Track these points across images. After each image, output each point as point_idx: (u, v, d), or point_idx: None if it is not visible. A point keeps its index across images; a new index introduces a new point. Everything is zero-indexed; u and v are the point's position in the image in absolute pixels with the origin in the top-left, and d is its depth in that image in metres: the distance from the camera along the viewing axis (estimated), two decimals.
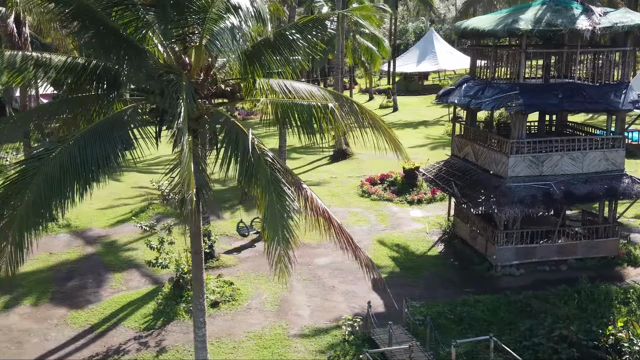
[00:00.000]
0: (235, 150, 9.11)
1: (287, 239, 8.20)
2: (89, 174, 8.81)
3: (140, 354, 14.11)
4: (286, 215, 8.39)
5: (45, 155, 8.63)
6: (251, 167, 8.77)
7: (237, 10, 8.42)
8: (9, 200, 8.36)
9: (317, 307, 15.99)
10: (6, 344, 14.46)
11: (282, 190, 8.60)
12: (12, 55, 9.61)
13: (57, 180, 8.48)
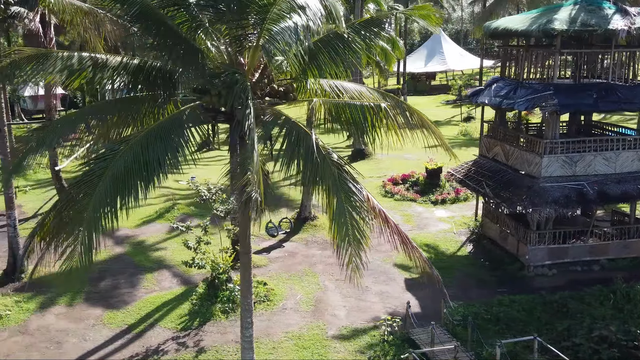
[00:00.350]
0: (296, 150, 9.09)
1: (358, 239, 8.21)
2: (150, 173, 8.80)
3: (179, 355, 14.10)
4: (356, 215, 8.38)
5: (111, 156, 8.63)
6: (316, 166, 8.75)
7: (303, 9, 8.39)
8: (77, 201, 8.36)
9: (352, 307, 15.99)
10: (45, 344, 14.46)
11: (350, 189, 8.59)
12: (70, 57, 9.59)
13: (122, 181, 8.48)
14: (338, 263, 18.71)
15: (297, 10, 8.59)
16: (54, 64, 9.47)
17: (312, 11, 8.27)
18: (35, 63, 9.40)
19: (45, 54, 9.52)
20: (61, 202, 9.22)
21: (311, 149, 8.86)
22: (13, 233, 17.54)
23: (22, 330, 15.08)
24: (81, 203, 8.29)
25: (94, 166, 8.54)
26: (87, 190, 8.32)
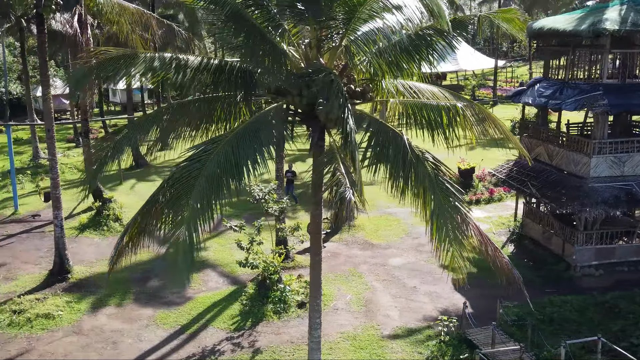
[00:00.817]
0: (385, 150, 9.08)
1: (459, 240, 8.18)
2: (240, 173, 8.79)
3: (235, 355, 14.09)
4: (457, 216, 8.36)
5: (205, 157, 8.64)
6: (409, 166, 8.74)
7: (399, 9, 8.36)
8: (176, 202, 8.36)
9: (403, 307, 15.98)
10: (101, 344, 14.46)
11: (448, 189, 8.57)
12: (153, 57, 9.60)
13: (216, 181, 8.48)
14: (382, 263, 18.84)
15: (392, 10, 8.57)
16: (139, 65, 9.50)
17: (411, 10, 8.24)
18: (121, 63, 9.42)
19: (130, 55, 9.53)
20: (151, 203, 9.24)
21: (403, 148, 8.85)
22: (60, 233, 17.54)
23: (76, 330, 15.08)
24: (179, 203, 8.27)
25: (189, 167, 8.53)
26: (185, 190, 8.32)
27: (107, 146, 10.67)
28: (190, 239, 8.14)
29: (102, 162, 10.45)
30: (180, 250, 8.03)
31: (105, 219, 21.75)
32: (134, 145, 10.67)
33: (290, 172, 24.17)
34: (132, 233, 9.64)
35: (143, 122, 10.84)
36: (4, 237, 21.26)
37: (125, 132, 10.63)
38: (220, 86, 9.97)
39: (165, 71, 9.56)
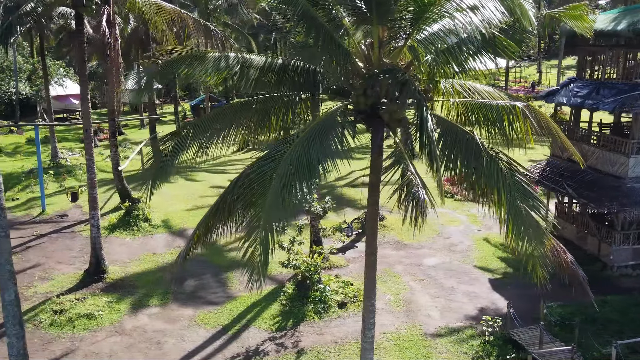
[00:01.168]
0: (455, 149, 9.06)
1: (540, 239, 8.16)
2: (312, 173, 8.78)
3: (280, 355, 14.08)
4: (535, 215, 8.34)
5: (278, 156, 8.62)
6: (482, 166, 8.72)
7: (475, 9, 8.34)
8: (251, 202, 8.36)
9: (444, 307, 15.96)
10: (145, 345, 14.45)
11: (524, 189, 8.55)
12: (220, 57, 9.60)
13: (289, 180, 8.47)
14: (417, 264, 18.80)
15: (465, 11, 8.54)
16: (206, 64, 9.50)
17: (490, 10, 8.21)
18: (189, 63, 9.42)
19: (198, 55, 9.53)
20: (220, 203, 9.25)
21: (475, 148, 8.83)
22: (96, 233, 17.54)
23: (118, 330, 15.07)
24: (257, 203, 8.27)
25: (264, 167, 8.51)
26: (261, 190, 8.31)
27: (167, 146, 10.71)
28: (266, 239, 8.15)
29: (163, 162, 10.48)
30: (257, 250, 8.05)
31: (135, 219, 21.73)
32: (195, 143, 10.69)
33: None
34: (199, 232, 9.63)
35: (204, 121, 10.85)
36: (35, 237, 21.25)
37: (186, 132, 10.65)
38: (284, 85, 9.96)
39: (230, 70, 9.57)
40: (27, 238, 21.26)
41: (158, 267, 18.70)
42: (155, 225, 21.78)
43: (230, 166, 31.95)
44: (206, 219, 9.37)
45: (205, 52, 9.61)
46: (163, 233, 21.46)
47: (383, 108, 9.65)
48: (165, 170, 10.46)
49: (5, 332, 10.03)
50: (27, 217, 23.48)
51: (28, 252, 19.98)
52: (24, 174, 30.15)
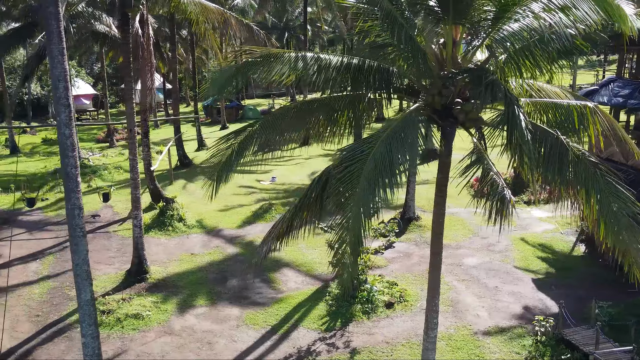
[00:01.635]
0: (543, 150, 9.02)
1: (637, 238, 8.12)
2: (394, 172, 8.76)
3: (332, 356, 14.05)
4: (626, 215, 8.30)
5: (363, 157, 8.61)
6: (566, 166, 8.69)
7: (566, 10, 8.29)
8: (340, 202, 8.34)
9: (491, 307, 15.93)
10: (196, 345, 14.43)
11: (616, 190, 8.52)
12: (297, 57, 9.59)
13: (374, 180, 8.45)
14: (457, 263, 18.77)
15: (554, 11, 8.51)
16: (282, 65, 9.49)
17: (583, 11, 8.16)
18: (266, 63, 9.40)
19: (275, 55, 9.51)
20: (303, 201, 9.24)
21: (560, 148, 8.81)
22: (138, 233, 17.52)
23: (167, 331, 15.05)
24: (347, 203, 8.25)
25: (351, 167, 8.49)
26: (349, 192, 8.29)
27: (232, 144, 10.74)
28: (356, 239, 8.13)
29: (228, 160, 10.49)
30: (347, 250, 8.05)
31: (170, 219, 21.71)
32: (259, 143, 10.72)
33: None
34: (282, 229, 9.67)
35: (271, 120, 10.85)
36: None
37: (250, 131, 10.68)
38: (359, 85, 9.93)
39: (306, 70, 9.55)
40: (62, 238, 21.25)
41: (198, 267, 18.69)
42: (190, 226, 21.77)
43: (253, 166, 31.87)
44: (285, 217, 9.35)
45: (282, 53, 9.59)
46: (198, 233, 21.44)
47: (457, 108, 9.64)
48: (230, 168, 10.47)
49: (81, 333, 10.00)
50: (59, 218, 23.46)
51: (66, 252, 19.96)
52: (50, 174, 30.18)
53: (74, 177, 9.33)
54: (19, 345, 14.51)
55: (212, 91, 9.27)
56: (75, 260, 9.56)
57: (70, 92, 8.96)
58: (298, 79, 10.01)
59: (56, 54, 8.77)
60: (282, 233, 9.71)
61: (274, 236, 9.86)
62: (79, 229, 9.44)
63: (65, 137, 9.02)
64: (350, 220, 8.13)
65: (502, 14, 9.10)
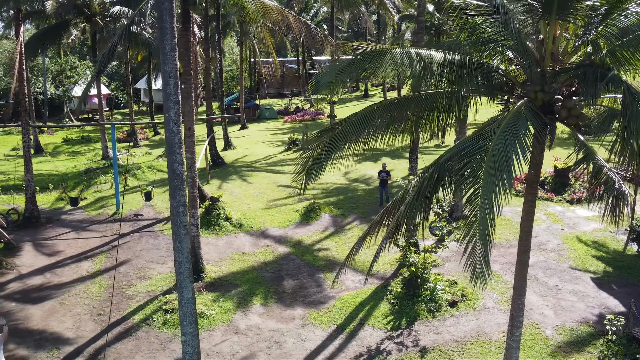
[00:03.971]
0: None
1: None
2: (510, 168, 8.68)
3: (403, 355, 13.97)
4: None
5: (481, 152, 8.55)
6: None
7: None
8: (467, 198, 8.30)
9: (555, 306, 15.85)
10: (265, 344, 14.35)
11: None
12: (401, 53, 9.53)
13: (493, 176, 8.38)
14: (513, 262, 18.62)
15: None
16: (387, 60, 9.44)
17: None
18: (374, 59, 9.35)
19: (382, 51, 9.46)
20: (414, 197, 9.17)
21: None
22: (195, 232, 17.45)
23: (233, 330, 14.98)
24: (471, 199, 8.19)
25: (472, 161, 8.43)
26: (474, 186, 8.24)
27: (321, 142, 10.71)
28: (485, 234, 8.07)
29: (317, 160, 10.47)
30: (478, 248, 7.99)
31: (216, 218, 21.64)
32: (348, 142, 10.68)
33: (385, 173, 24.08)
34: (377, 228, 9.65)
35: (357, 119, 10.79)
36: (117, 237, 21.18)
37: (341, 128, 10.64)
38: (461, 81, 9.87)
39: (412, 66, 9.50)
40: (109, 237, 21.20)
41: (252, 267, 18.62)
42: (237, 225, 21.69)
43: (284, 166, 31.89)
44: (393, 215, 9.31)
45: (387, 49, 9.54)
46: (245, 232, 21.37)
47: (559, 104, 9.58)
48: (320, 166, 10.44)
49: (181, 331, 9.92)
50: (102, 217, 23.41)
51: (115, 251, 19.91)
52: (83, 173, 30.11)
53: (180, 174, 9.27)
54: (86, 344, 14.45)
55: (322, 87, 9.16)
56: (177, 257, 9.49)
57: (179, 89, 8.88)
58: (398, 74, 9.98)
59: (169, 50, 8.70)
60: (392, 232, 9.59)
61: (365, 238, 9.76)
62: (182, 227, 9.38)
63: (173, 134, 8.94)
64: (478, 215, 8.07)
65: (611, 10, 9.06)
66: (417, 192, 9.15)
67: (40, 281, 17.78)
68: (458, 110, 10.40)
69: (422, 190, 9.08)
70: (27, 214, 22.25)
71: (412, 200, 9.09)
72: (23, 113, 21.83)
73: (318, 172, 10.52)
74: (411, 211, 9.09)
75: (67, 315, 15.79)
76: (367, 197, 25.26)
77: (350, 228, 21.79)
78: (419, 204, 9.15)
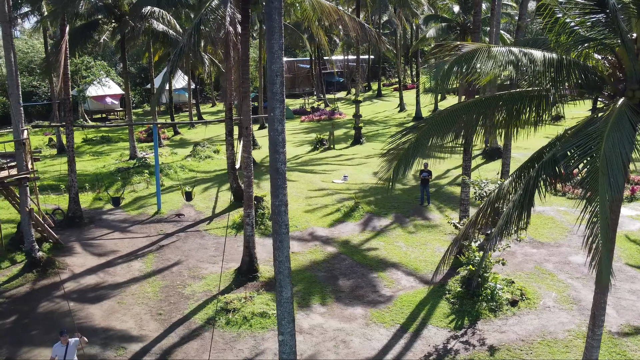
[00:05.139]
0: None
1: None
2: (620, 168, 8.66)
3: (471, 354, 13.95)
4: None
5: (592, 153, 8.55)
6: None
7: None
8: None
9: (616, 305, 15.83)
10: (331, 343, 14.35)
11: None
12: (506, 52, 9.54)
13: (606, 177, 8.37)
14: (565, 261, 18.66)
15: None
16: (491, 59, 9.44)
17: None
18: (479, 57, 9.35)
19: (484, 50, 9.45)
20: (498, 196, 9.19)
21: None
22: (250, 232, 17.45)
23: (297, 329, 14.94)
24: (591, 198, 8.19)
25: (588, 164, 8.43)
26: (592, 185, 8.24)
27: (406, 141, 10.73)
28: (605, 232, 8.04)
29: (403, 159, 10.49)
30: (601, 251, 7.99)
31: (261, 218, 21.63)
32: (432, 141, 10.73)
33: (426, 172, 24.06)
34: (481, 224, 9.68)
35: (441, 118, 10.80)
36: (163, 236, 21.18)
37: (427, 125, 10.67)
38: (560, 79, 9.87)
39: (516, 65, 9.50)
40: (155, 237, 21.20)
41: (304, 266, 18.61)
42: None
43: (315, 166, 31.89)
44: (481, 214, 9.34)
45: (489, 47, 9.54)
46: (291, 232, 21.36)
47: None
48: (407, 163, 10.46)
49: (280, 331, 9.92)
50: (143, 216, 23.42)
51: (164, 251, 19.92)
52: (115, 173, 30.10)
53: (283, 173, 9.26)
54: (151, 344, 14.45)
55: (434, 83, 9.19)
56: (278, 257, 9.50)
57: (284, 88, 8.88)
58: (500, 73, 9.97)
59: (276, 49, 8.70)
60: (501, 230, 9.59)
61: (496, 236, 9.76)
62: (284, 226, 9.38)
63: (278, 133, 8.93)
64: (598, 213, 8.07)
65: None
66: (525, 191, 9.14)
67: (95, 281, 17.78)
68: (547, 109, 10.41)
69: (530, 189, 9.08)
70: (70, 214, 22.24)
71: (521, 199, 9.08)
72: (67, 113, 21.81)
73: (405, 169, 10.55)
74: (521, 211, 9.07)
75: (127, 314, 15.78)
76: (406, 197, 25.26)
77: (394, 228, 21.79)
78: (526, 202, 9.13)
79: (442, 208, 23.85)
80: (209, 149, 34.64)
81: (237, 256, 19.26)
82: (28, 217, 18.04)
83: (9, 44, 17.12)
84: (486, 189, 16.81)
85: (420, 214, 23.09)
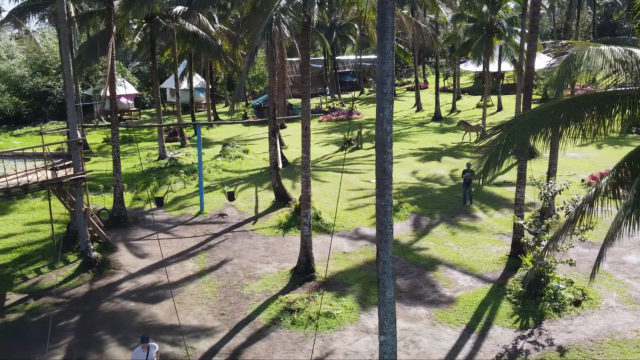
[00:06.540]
0: None
1: None
2: None
3: (541, 354, 13.93)
4: None
5: None
6: None
7: None
8: None
9: None
10: (401, 343, 14.28)
11: None
12: (618, 51, 9.55)
13: None
14: (619, 261, 18.63)
15: None
16: (599, 58, 9.46)
17: None
18: (587, 56, 9.37)
19: (593, 49, 9.46)
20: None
21: None
22: (307, 232, 17.45)
23: (362, 329, 14.96)
24: None
25: None
26: None
27: (498, 138, 10.75)
28: None
29: (494, 156, 10.53)
30: None
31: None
32: (525, 140, 10.78)
33: (469, 172, 24.04)
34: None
35: (532, 118, 10.80)
36: (211, 236, 21.18)
37: (519, 124, 10.70)
38: None
39: (621, 62, 9.52)
40: (202, 237, 21.20)
41: (357, 266, 18.61)
42: (328, 224, 21.68)
43: (348, 165, 31.87)
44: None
45: (597, 46, 9.55)
46: (338, 232, 21.36)
47: None
48: (498, 160, 10.53)
49: (382, 331, 9.91)
50: (186, 217, 23.42)
51: (214, 251, 19.92)
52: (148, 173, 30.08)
53: (390, 174, 9.25)
54: (219, 344, 14.44)
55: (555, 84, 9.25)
56: (383, 257, 9.49)
57: (394, 89, 8.85)
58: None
59: (388, 50, 8.70)
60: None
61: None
62: (389, 226, 9.37)
63: (386, 134, 8.93)
64: None
65: None
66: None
67: (151, 281, 17.78)
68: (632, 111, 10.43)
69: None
70: (115, 214, 22.25)
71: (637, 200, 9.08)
72: (114, 113, 21.81)
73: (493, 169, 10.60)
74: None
75: (189, 314, 15.78)
76: (447, 197, 25.24)
77: (441, 228, 21.79)
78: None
79: (484, 208, 23.84)
80: (238, 149, 34.61)
81: (289, 256, 19.27)
82: (83, 218, 18.04)
83: (66, 44, 17.10)
84: (552, 190, 16.79)
85: (465, 214, 23.07)
